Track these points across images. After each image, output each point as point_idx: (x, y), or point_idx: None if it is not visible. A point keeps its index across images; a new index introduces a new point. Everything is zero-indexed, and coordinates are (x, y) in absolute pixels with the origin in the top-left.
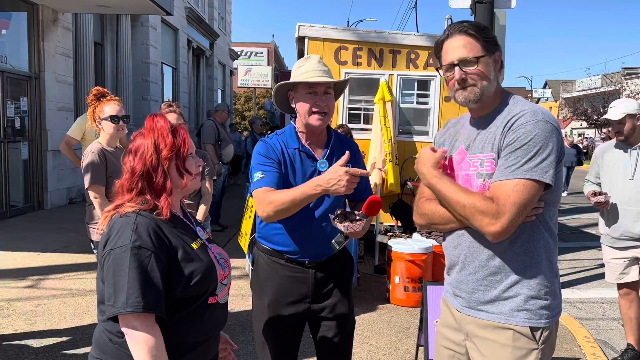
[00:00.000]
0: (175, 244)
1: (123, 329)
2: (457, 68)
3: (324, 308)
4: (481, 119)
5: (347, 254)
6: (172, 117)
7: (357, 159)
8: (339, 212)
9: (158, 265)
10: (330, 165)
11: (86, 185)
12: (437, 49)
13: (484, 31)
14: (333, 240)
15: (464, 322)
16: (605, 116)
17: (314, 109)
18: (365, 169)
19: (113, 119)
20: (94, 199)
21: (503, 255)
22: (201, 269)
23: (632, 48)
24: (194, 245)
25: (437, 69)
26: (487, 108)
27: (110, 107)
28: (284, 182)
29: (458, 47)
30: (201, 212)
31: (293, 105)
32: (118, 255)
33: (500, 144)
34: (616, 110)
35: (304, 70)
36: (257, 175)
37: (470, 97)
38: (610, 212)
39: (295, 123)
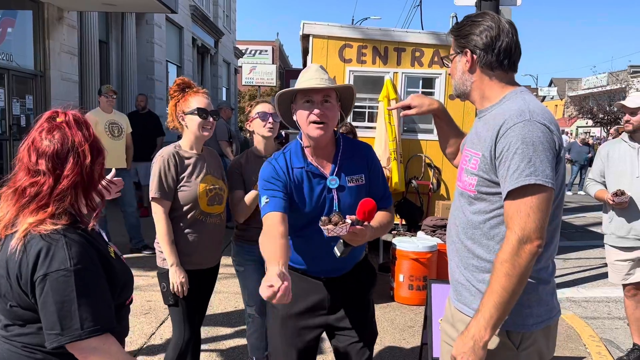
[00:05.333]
0: (104, 254)
1: (78, 354)
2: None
3: (341, 318)
4: (481, 114)
5: (367, 265)
6: (267, 107)
7: (372, 162)
8: (328, 216)
9: (101, 281)
10: (340, 181)
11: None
12: None
13: (457, 27)
14: (335, 248)
15: (456, 317)
16: (622, 102)
17: (311, 119)
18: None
19: (200, 112)
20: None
21: (480, 255)
22: (125, 275)
23: (638, 46)
24: (112, 253)
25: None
26: (484, 102)
27: (197, 100)
28: (293, 205)
29: None
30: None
31: (295, 118)
32: (58, 281)
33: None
34: (634, 99)
35: (302, 80)
36: (263, 200)
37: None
38: (616, 210)
39: (301, 139)
